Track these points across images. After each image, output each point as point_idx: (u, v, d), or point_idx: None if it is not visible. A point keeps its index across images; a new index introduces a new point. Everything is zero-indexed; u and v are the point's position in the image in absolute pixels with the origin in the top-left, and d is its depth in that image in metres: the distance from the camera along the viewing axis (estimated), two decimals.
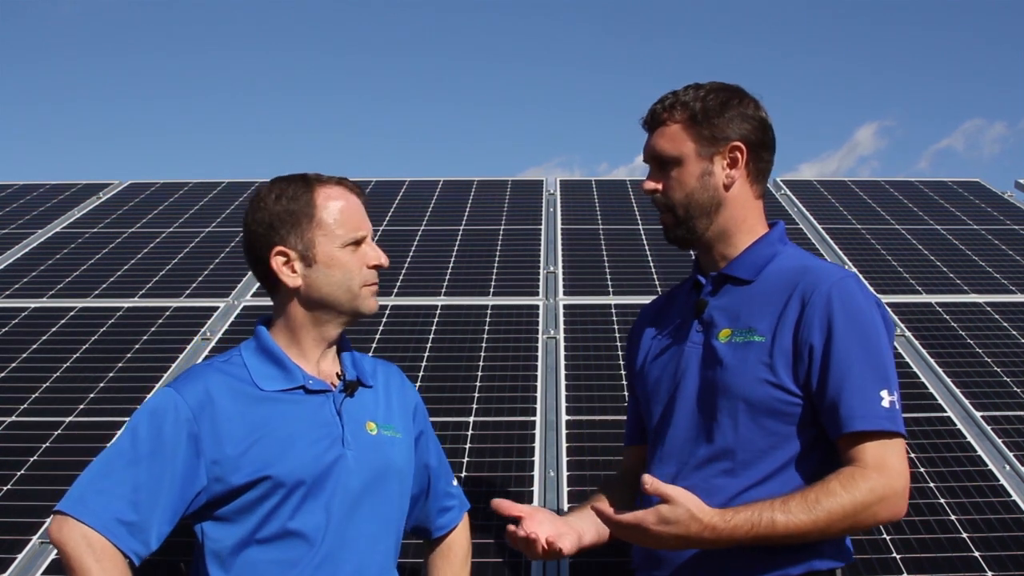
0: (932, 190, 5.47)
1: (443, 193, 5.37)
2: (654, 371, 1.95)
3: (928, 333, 3.60)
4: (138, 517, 1.65)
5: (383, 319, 3.69)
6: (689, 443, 1.84)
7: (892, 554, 2.40)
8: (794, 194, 5.32)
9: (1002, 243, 4.59)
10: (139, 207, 5.21)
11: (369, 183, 5.56)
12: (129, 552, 1.64)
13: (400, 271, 4.21)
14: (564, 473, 2.73)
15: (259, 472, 1.71)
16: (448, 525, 2.06)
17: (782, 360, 1.78)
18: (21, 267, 4.33)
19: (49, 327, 3.69)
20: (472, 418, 3.02)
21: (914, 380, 3.26)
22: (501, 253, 4.44)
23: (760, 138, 1.91)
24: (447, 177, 5.67)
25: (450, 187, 5.49)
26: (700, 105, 1.88)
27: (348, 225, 1.81)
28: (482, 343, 3.51)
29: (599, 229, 4.77)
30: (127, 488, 1.66)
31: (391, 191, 5.41)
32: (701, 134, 1.87)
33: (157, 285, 4.10)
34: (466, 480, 2.70)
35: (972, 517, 2.54)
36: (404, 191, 5.41)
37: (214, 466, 1.70)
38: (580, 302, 3.89)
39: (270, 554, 1.72)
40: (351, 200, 1.84)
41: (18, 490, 2.68)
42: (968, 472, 2.74)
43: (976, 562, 2.37)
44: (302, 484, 1.73)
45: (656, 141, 1.91)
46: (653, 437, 1.92)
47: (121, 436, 1.73)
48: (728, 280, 1.89)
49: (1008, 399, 3.14)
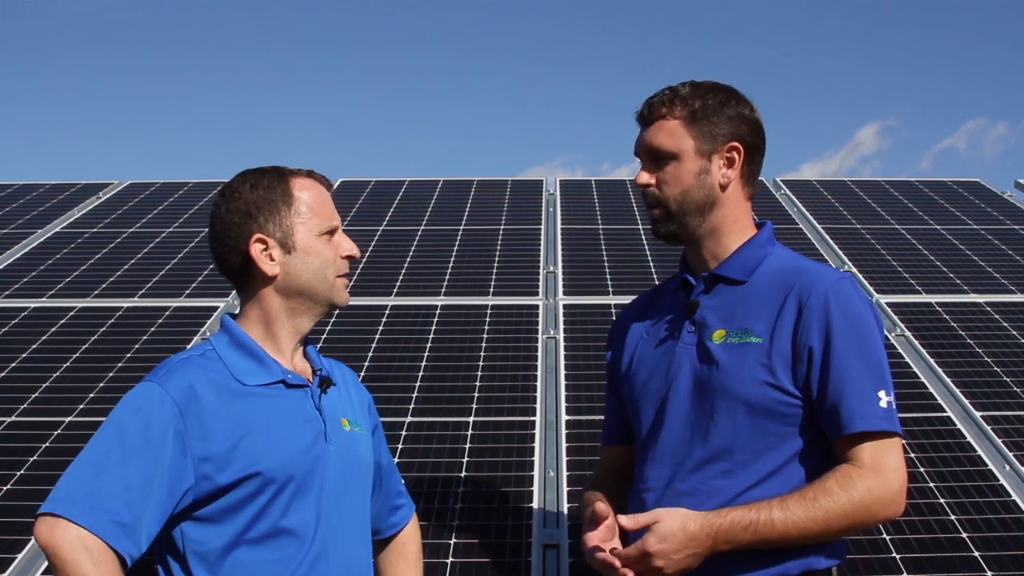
0: (932, 190, 5.47)
1: (443, 193, 5.37)
2: (642, 372, 1.94)
3: (928, 333, 3.60)
4: (131, 517, 1.58)
5: (383, 319, 3.69)
6: (684, 444, 1.83)
7: (892, 554, 2.40)
8: (794, 194, 5.32)
9: (1002, 243, 4.59)
10: (139, 207, 5.21)
11: (369, 183, 5.56)
12: (124, 554, 1.58)
13: (400, 271, 4.21)
14: (564, 473, 2.73)
15: (248, 468, 1.67)
16: (399, 523, 2.04)
17: (781, 361, 1.78)
18: (21, 267, 4.33)
19: (49, 327, 3.69)
20: (472, 418, 3.02)
21: (914, 380, 3.26)
22: (501, 253, 4.44)
23: (755, 140, 1.92)
24: (447, 177, 5.68)
25: (450, 187, 5.49)
26: (700, 103, 1.88)
27: (323, 214, 1.81)
28: (482, 343, 3.51)
29: (599, 229, 4.77)
30: (120, 487, 1.59)
31: (391, 191, 5.41)
32: (701, 131, 1.87)
33: (157, 285, 4.10)
34: (466, 480, 2.70)
35: (972, 517, 2.54)
36: (404, 191, 5.41)
37: (202, 463, 1.65)
38: (580, 302, 3.89)
39: (261, 554, 1.68)
40: (322, 191, 1.84)
41: (18, 490, 2.68)
42: (968, 472, 2.74)
43: (976, 562, 2.37)
44: (292, 480, 1.70)
45: (654, 135, 1.90)
46: (644, 439, 1.91)
47: (105, 433, 1.65)
48: (720, 280, 1.89)
49: (1008, 399, 3.14)
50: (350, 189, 5.44)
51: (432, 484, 2.69)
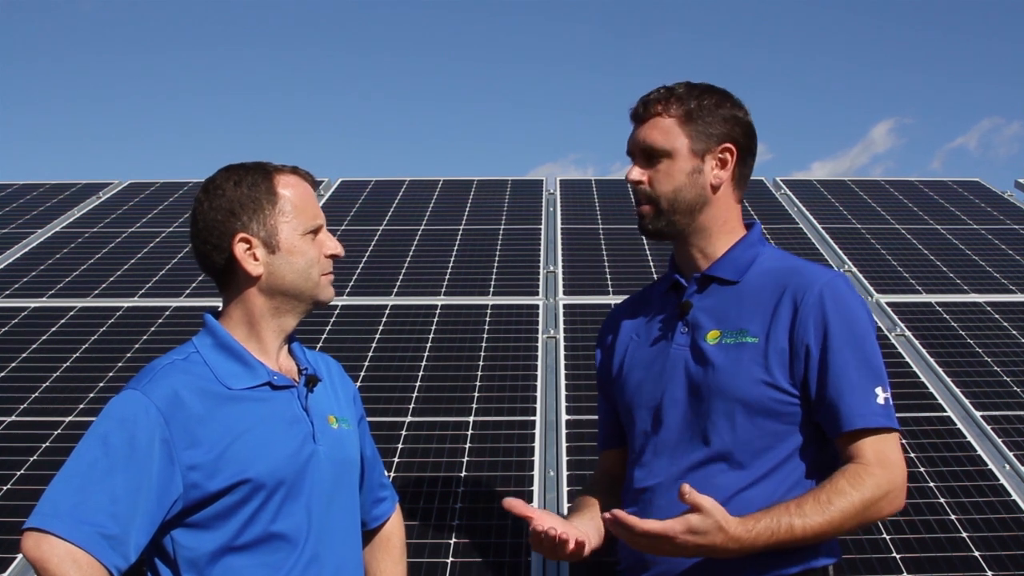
0: (932, 190, 5.47)
1: (443, 193, 5.37)
2: (635, 375, 1.94)
3: (928, 333, 3.60)
4: (118, 530, 1.56)
5: (383, 319, 3.69)
6: (682, 445, 1.84)
7: (892, 554, 2.40)
8: (794, 194, 5.32)
9: (1002, 243, 4.59)
10: (139, 207, 5.21)
11: (369, 183, 5.56)
12: (112, 567, 1.56)
13: (400, 271, 4.21)
14: (564, 473, 2.73)
15: (238, 475, 1.64)
16: (383, 516, 2.03)
17: (777, 361, 1.79)
18: (21, 267, 4.33)
19: (49, 327, 3.69)
20: (472, 418, 3.01)
21: (914, 380, 3.25)
22: (501, 253, 4.44)
23: (748, 143, 1.93)
24: (447, 177, 5.67)
25: (450, 187, 5.48)
26: (696, 103, 1.89)
27: (308, 213, 1.78)
28: (482, 343, 3.51)
29: (599, 229, 4.77)
30: (106, 500, 1.56)
31: (391, 191, 5.41)
32: (695, 131, 1.88)
33: (157, 285, 4.10)
34: (466, 480, 2.70)
35: (972, 517, 2.54)
36: (404, 191, 5.41)
37: (190, 472, 1.62)
38: (580, 302, 3.89)
39: (253, 559, 1.67)
40: (307, 189, 1.81)
41: (18, 490, 2.68)
42: (968, 472, 2.74)
43: (976, 562, 2.37)
44: (282, 484, 1.68)
45: (648, 132, 1.90)
46: (640, 440, 1.91)
47: (88, 444, 1.62)
48: (713, 281, 1.90)
49: (1008, 399, 3.14)
50: (350, 189, 5.44)
51: (432, 484, 2.68)
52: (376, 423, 2.91)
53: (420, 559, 2.35)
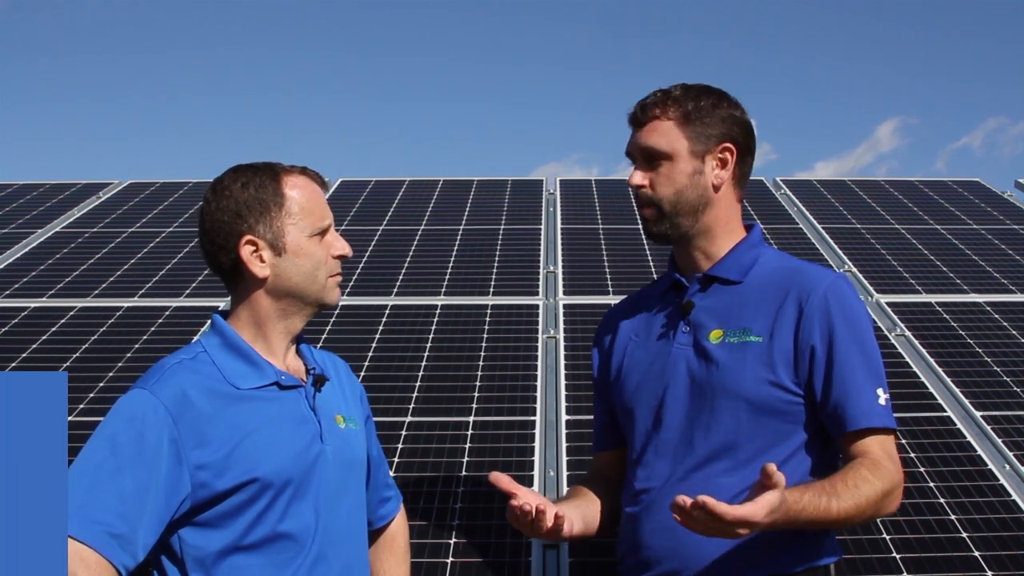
0: (932, 190, 5.47)
1: (443, 193, 5.37)
2: (635, 375, 1.94)
3: (928, 333, 3.60)
4: (127, 529, 1.57)
5: (383, 319, 3.69)
6: (684, 444, 1.84)
7: (892, 554, 2.40)
8: (794, 194, 5.31)
9: (1002, 243, 4.59)
10: (139, 207, 5.21)
11: (369, 183, 5.56)
12: (120, 566, 1.56)
13: (400, 271, 4.21)
14: (564, 473, 2.73)
15: (246, 475, 1.65)
16: (388, 516, 2.03)
17: (782, 360, 1.81)
18: (21, 267, 4.33)
19: (49, 327, 3.69)
20: (472, 418, 3.01)
21: (914, 380, 3.25)
22: (501, 253, 4.44)
23: (747, 142, 1.94)
24: (447, 177, 5.67)
25: (450, 187, 5.48)
26: (693, 104, 1.89)
27: (316, 214, 1.77)
28: (482, 343, 3.51)
29: (599, 229, 4.77)
30: (114, 499, 1.57)
31: (391, 191, 5.41)
32: (694, 132, 1.88)
33: (157, 285, 4.10)
34: (466, 480, 2.70)
35: (972, 517, 2.54)
36: (404, 191, 5.41)
37: (198, 471, 1.63)
38: (580, 302, 3.89)
39: (260, 558, 1.67)
40: (316, 189, 1.80)
41: None
42: (968, 472, 2.74)
43: (976, 562, 2.37)
44: (290, 483, 1.69)
45: (648, 136, 1.90)
46: (640, 440, 1.91)
47: (97, 444, 1.63)
48: (715, 280, 1.91)
49: (1008, 399, 3.14)
50: (350, 189, 5.44)
51: (432, 484, 2.68)
52: (376, 423, 2.89)
53: (420, 559, 2.35)
